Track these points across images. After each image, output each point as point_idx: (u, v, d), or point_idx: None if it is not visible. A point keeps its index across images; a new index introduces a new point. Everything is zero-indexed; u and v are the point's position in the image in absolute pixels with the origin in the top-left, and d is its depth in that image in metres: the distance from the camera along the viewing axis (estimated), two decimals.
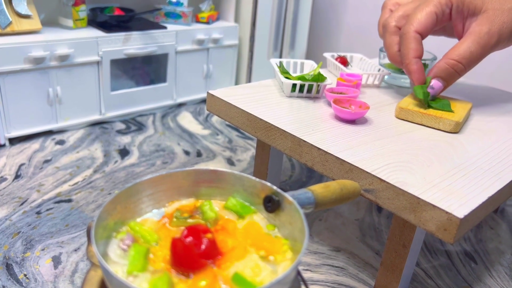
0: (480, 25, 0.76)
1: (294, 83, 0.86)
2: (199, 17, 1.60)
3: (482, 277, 0.85)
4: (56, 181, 1.07)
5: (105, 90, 1.37)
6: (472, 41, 0.76)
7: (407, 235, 0.70)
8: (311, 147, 0.69)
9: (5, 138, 1.22)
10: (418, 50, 0.79)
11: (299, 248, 0.41)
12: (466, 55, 0.76)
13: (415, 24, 0.79)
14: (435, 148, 0.71)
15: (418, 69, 0.80)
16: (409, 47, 0.79)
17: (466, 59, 0.76)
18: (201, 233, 0.39)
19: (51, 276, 0.77)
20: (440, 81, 0.79)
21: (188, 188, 0.48)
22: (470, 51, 0.76)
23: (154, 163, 1.19)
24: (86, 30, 1.35)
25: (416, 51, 0.79)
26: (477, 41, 0.76)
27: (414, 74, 0.80)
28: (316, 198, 0.46)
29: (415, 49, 0.79)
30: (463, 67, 0.77)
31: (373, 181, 0.61)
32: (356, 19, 1.81)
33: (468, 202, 0.56)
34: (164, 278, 0.37)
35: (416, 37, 0.79)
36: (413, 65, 0.80)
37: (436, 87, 0.79)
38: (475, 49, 0.76)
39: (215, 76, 1.66)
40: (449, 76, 0.78)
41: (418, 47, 0.79)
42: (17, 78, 1.19)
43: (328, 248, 0.89)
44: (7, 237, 0.86)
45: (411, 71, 0.80)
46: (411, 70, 0.80)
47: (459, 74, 0.79)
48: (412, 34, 0.79)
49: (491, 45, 0.76)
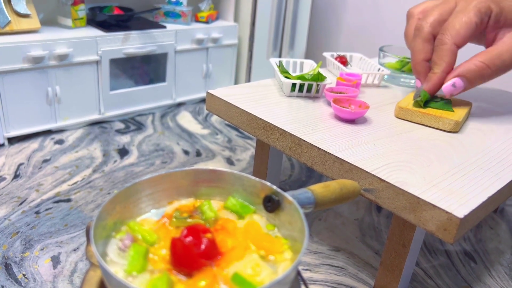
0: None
1: (294, 83, 0.86)
2: (198, 16, 1.60)
3: (481, 276, 0.85)
4: (55, 180, 1.07)
5: (104, 90, 1.37)
6: (506, 50, 0.74)
7: (406, 234, 0.70)
8: (310, 147, 0.69)
9: (4, 138, 1.21)
10: (451, 64, 0.76)
11: (299, 248, 0.41)
12: (497, 62, 0.74)
13: (454, 35, 0.75)
14: (435, 147, 0.71)
15: (439, 83, 0.78)
16: (445, 60, 0.76)
17: (496, 65, 0.74)
18: (201, 233, 0.39)
19: (50, 276, 0.77)
20: (463, 81, 0.76)
21: (188, 188, 0.48)
22: (502, 58, 0.74)
23: (153, 162, 1.19)
24: (85, 30, 1.35)
25: (450, 66, 0.76)
26: (510, 51, 0.73)
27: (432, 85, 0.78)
28: (316, 198, 0.46)
29: (450, 63, 0.76)
30: (491, 73, 0.75)
31: (373, 181, 0.61)
32: (356, 18, 1.81)
33: (468, 202, 0.56)
34: (164, 278, 0.37)
35: (454, 51, 0.75)
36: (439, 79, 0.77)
37: (458, 86, 0.76)
38: (507, 58, 0.74)
39: (215, 76, 1.66)
40: (474, 78, 0.76)
41: (452, 62, 0.76)
42: (16, 78, 1.18)
43: (328, 248, 0.89)
44: (6, 237, 0.86)
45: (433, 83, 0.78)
46: (434, 82, 0.78)
47: (484, 79, 0.76)
48: (451, 47, 0.75)
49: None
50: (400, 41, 1.58)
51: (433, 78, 0.78)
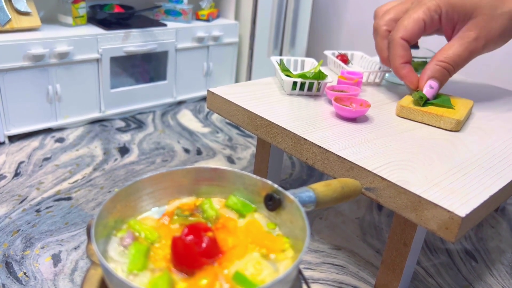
0: (469, 31, 0.79)
1: (295, 81, 0.86)
2: (199, 14, 1.60)
3: (482, 275, 0.85)
4: (55, 179, 1.07)
5: (104, 88, 1.37)
6: (460, 45, 0.79)
7: (408, 233, 0.70)
8: (311, 146, 0.69)
9: (4, 136, 1.21)
10: (405, 56, 0.82)
11: (300, 246, 0.41)
12: (455, 58, 0.80)
13: (401, 31, 0.80)
14: (436, 146, 0.71)
15: (408, 72, 0.83)
16: (396, 53, 0.82)
17: (454, 61, 0.80)
18: (202, 232, 0.39)
19: (50, 274, 0.77)
20: (436, 81, 0.82)
21: (189, 186, 0.48)
22: (458, 54, 0.79)
23: (154, 161, 1.19)
24: (85, 28, 1.34)
25: (403, 57, 0.82)
26: (465, 46, 0.79)
27: (405, 78, 0.83)
28: (317, 197, 0.46)
29: (402, 55, 0.81)
30: (452, 68, 0.81)
31: (374, 180, 0.61)
32: (357, 16, 1.80)
33: (469, 201, 0.56)
34: (165, 277, 0.37)
35: (403, 44, 0.81)
36: (401, 70, 0.82)
37: (434, 86, 0.82)
38: (463, 53, 0.79)
39: (215, 74, 1.66)
40: (442, 76, 0.82)
41: (404, 53, 0.81)
42: (16, 76, 1.18)
43: (329, 247, 0.89)
44: (6, 235, 0.86)
45: (402, 76, 0.83)
46: (402, 75, 0.83)
47: (450, 74, 0.82)
48: (399, 41, 0.81)
49: (478, 49, 0.79)
50: None
51: (399, 74, 0.83)
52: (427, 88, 0.81)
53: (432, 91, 0.81)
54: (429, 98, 0.81)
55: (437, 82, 0.81)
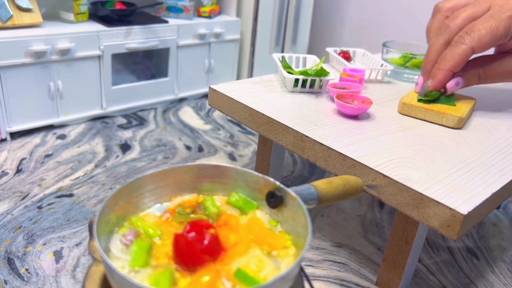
0: None
1: (297, 78, 0.86)
2: (200, 11, 1.59)
3: (484, 273, 0.85)
4: (57, 175, 1.07)
5: (106, 85, 1.37)
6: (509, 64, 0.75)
7: (409, 231, 0.70)
8: (313, 143, 0.68)
9: (6, 132, 1.22)
10: (460, 66, 0.75)
11: (302, 243, 0.41)
12: (495, 74, 0.76)
13: (476, 39, 0.71)
14: (438, 144, 0.70)
15: (444, 81, 0.77)
16: (456, 59, 0.73)
17: (493, 77, 0.77)
18: (204, 229, 0.39)
19: (52, 271, 0.77)
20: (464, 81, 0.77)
21: (190, 184, 0.48)
22: (500, 72, 0.76)
23: (156, 158, 1.19)
24: (87, 24, 1.34)
25: (458, 67, 0.75)
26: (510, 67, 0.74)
27: (438, 83, 0.77)
28: (319, 194, 0.46)
29: (459, 65, 0.74)
30: (487, 81, 0.78)
31: (376, 177, 0.61)
32: (359, 13, 1.80)
33: (471, 199, 0.56)
34: (166, 274, 0.37)
35: (468, 54, 0.73)
36: (443, 75, 0.76)
37: (460, 84, 0.78)
38: (505, 72, 0.75)
39: (217, 71, 1.66)
40: (473, 81, 0.78)
41: (462, 64, 0.74)
42: (18, 72, 1.18)
43: (330, 244, 0.89)
44: (8, 232, 0.86)
45: (438, 80, 0.76)
46: (438, 79, 0.76)
47: (480, 83, 0.79)
48: (467, 49, 0.72)
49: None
50: (404, 37, 1.57)
51: (438, 75, 0.77)
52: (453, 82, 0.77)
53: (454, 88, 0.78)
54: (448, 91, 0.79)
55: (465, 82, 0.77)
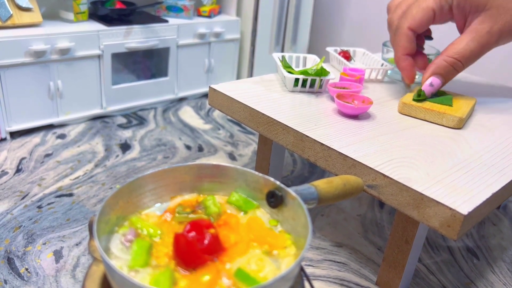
0: (482, 23, 0.74)
1: (297, 78, 0.86)
2: (200, 10, 1.59)
3: (484, 273, 0.85)
4: (57, 175, 1.07)
5: (106, 84, 1.37)
6: (472, 39, 0.75)
7: (409, 231, 0.70)
8: (314, 143, 0.68)
9: (6, 132, 1.21)
10: (408, 48, 0.79)
11: (302, 243, 0.41)
12: (466, 53, 0.76)
13: (409, 19, 0.77)
14: (439, 144, 0.70)
15: (407, 65, 0.80)
16: (399, 44, 0.79)
17: (465, 57, 0.76)
18: (204, 228, 0.39)
19: (52, 270, 0.77)
20: (439, 78, 0.79)
21: (191, 183, 0.48)
22: (470, 49, 0.76)
23: (156, 157, 1.19)
24: (87, 24, 1.34)
25: (406, 49, 0.79)
26: (477, 40, 0.75)
27: (403, 71, 0.81)
28: (320, 194, 0.46)
29: (405, 47, 0.79)
30: (461, 65, 0.77)
31: (376, 177, 0.61)
32: (359, 13, 1.80)
33: (472, 199, 0.56)
34: (167, 273, 0.37)
35: (408, 34, 0.78)
36: (402, 62, 0.80)
37: (435, 84, 0.79)
38: (475, 48, 0.75)
39: (217, 71, 1.65)
40: (448, 73, 0.79)
41: (408, 45, 0.79)
42: (17, 72, 1.18)
43: (330, 244, 0.89)
44: (8, 231, 0.86)
45: (401, 68, 0.81)
46: (401, 67, 0.81)
47: (457, 71, 0.79)
48: (404, 30, 0.78)
49: (491, 43, 0.75)
50: None
51: (399, 65, 0.81)
52: (427, 85, 0.79)
53: (431, 89, 0.79)
54: (427, 96, 0.80)
55: (440, 80, 0.79)
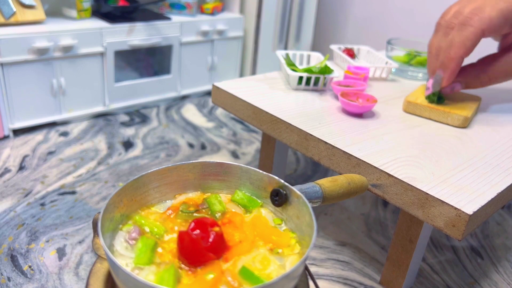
0: None
1: (301, 76, 0.85)
2: (203, 8, 1.59)
3: (488, 272, 0.85)
4: (60, 173, 1.07)
5: (109, 82, 1.37)
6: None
7: (414, 230, 0.69)
8: (318, 141, 0.68)
9: (9, 129, 1.21)
10: (470, 51, 0.71)
11: (306, 242, 0.41)
12: (500, 75, 0.75)
13: (485, 20, 0.67)
14: (444, 143, 0.70)
15: (457, 70, 0.74)
16: (466, 43, 0.69)
17: (497, 78, 0.76)
18: (209, 227, 0.39)
19: (55, 268, 0.77)
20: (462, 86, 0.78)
21: (194, 181, 0.47)
22: (506, 71, 0.74)
23: (158, 155, 1.19)
24: (90, 21, 1.34)
25: (469, 51, 0.71)
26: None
27: (452, 72, 0.74)
28: (324, 192, 0.46)
29: (469, 49, 0.70)
30: (490, 84, 0.77)
31: (381, 176, 0.60)
32: (364, 10, 1.79)
33: (477, 198, 0.55)
34: (171, 271, 0.36)
35: (478, 36, 0.69)
36: (457, 65, 0.72)
37: (456, 89, 0.79)
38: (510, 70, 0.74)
39: (220, 68, 1.65)
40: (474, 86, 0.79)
41: (472, 49, 0.71)
42: (20, 69, 1.18)
43: (334, 243, 0.89)
44: (11, 229, 0.86)
45: (452, 69, 0.73)
46: (452, 69, 0.73)
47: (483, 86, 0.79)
48: (476, 31, 0.68)
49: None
50: (408, 34, 1.56)
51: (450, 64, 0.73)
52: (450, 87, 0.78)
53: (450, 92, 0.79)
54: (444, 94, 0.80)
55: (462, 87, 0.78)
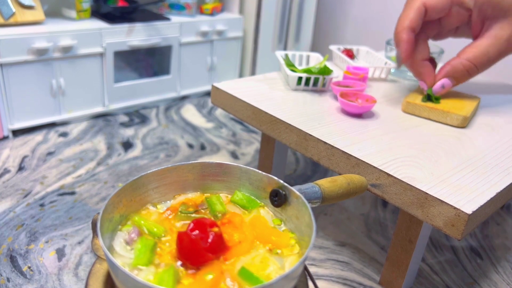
0: (502, 30, 0.72)
1: (300, 76, 0.85)
2: (203, 8, 1.59)
3: (488, 273, 0.85)
4: (59, 173, 1.07)
5: (108, 82, 1.37)
6: (491, 44, 0.73)
7: (413, 230, 0.69)
8: (317, 141, 0.68)
9: (8, 130, 1.21)
10: (415, 22, 0.75)
11: (305, 242, 0.41)
12: (484, 59, 0.74)
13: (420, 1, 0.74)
14: (443, 143, 0.70)
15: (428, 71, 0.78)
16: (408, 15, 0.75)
17: (482, 63, 0.75)
18: (208, 227, 0.39)
19: (55, 269, 0.77)
20: (451, 81, 0.78)
21: (194, 182, 0.47)
22: (488, 55, 0.74)
23: (158, 156, 1.19)
24: (89, 22, 1.34)
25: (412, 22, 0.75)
26: (496, 46, 0.73)
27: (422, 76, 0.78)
28: (323, 193, 0.46)
29: (412, 19, 0.75)
30: (477, 70, 0.76)
31: (380, 176, 0.60)
32: (363, 11, 1.79)
33: (476, 198, 0.56)
34: (170, 272, 0.36)
35: (420, 10, 0.75)
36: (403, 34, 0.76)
37: (446, 86, 0.79)
38: (493, 54, 0.74)
39: (219, 69, 1.65)
40: (462, 77, 0.77)
41: (415, 20, 0.75)
42: (20, 70, 1.18)
43: (333, 243, 0.89)
44: (11, 229, 0.86)
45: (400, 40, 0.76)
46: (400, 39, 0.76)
47: (471, 76, 0.78)
48: (418, 4, 0.74)
49: (508, 50, 0.74)
50: None
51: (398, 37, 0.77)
52: (438, 86, 0.78)
53: (441, 90, 0.79)
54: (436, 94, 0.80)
55: (452, 82, 0.78)
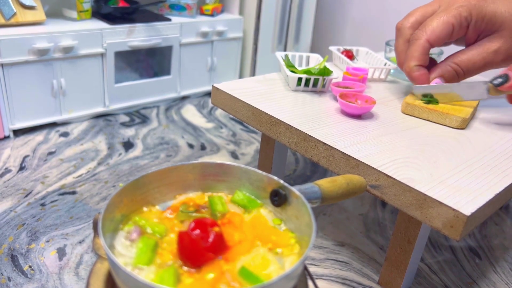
0: (491, 41, 0.76)
1: (300, 77, 0.86)
2: (203, 9, 1.59)
3: (486, 273, 0.85)
4: (60, 173, 1.07)
5: (109, 83, 1.37)
6: (478, 53, 0.76)
7: (412, 231, 0.70)
8: (316, 142, 0.69)
9: (9, 130, 1.22)
10: (422, 60, 0.78)
11: (305, 242, 0.41)
12: (469, 64, 0.77)
13: (429, 32, 0.76)
14: (442, 144, 0.70)
15: (421, 75, 0.79)
16: (413, 55, 0.78)
17: (467, 68, 0.78)
18: (208, 227, 0.39)
19: (55, 268, 0.77)
20: (442, 81, 0.80)
21: (194, 182, 0.48)
22: (473, 61, 0.77)
23: (158, 156, 1.19)
24: (90, 22, 1.34)
25: (419, 60, 0.78)
26: (482, 55, 0.76)
27: (417, 80, 0.80)
28: (323, 193, 0.46)
29: (419, 58, 0.77)
30: (463, 74, 0.79)
31: (379, 177, 0.61)
32: (362, 12, 1.79)
33: (475, 199, 0.56)
34: (171, 271, 0.37)
35: (425, 47, 0.77)
36: (414, 72, 0.79)
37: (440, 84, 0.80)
38: (478, 62, 0.77)
39: (219, 69, 1.66)
40: (451, 78, 0.80)
41: (422, 57, 0.78)
42: (21, 70, 1.18)
43: (332, 243, 0.89)
44: (12, 229, 0.86)
45: (414, 78, 0.79)
46: (414, 77, 0.79)
47: (459, 78, 0.80)
48: (423, 42, 0.76)
49: (495, 62, 0.77)
50: None
51: (411, 75, 0.80)
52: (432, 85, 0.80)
53: None
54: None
55: (443, 82, 0.80)
